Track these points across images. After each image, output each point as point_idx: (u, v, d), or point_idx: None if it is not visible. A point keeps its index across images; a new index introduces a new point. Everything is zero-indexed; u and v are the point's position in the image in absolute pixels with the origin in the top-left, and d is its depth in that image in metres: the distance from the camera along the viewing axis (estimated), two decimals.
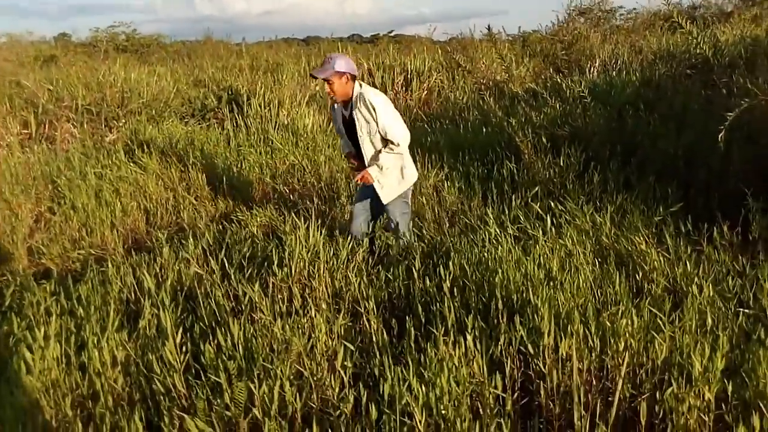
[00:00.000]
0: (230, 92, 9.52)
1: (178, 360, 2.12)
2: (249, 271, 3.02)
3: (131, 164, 5.70)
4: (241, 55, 14.87)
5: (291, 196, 5.13)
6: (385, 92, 11.04)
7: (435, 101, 9.60)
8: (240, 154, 6.13)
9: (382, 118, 3.54)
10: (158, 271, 3.34)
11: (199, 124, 8.50)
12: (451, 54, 10.02)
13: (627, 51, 8.75)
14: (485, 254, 2.99)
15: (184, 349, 2.24)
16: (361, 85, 3.62)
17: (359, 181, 3.66)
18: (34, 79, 9.11)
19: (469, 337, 2.19)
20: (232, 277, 3.02)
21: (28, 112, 8.36)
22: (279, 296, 2.86)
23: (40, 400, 2.18)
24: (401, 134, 3.54)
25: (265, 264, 3.29)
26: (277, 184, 5.41)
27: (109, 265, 3.24)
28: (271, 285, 2.90)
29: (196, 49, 17.42)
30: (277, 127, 7.18)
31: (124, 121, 8.07)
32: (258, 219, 4.30)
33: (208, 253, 3.38)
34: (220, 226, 4.34)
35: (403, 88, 10.52)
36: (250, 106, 8.55)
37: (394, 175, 3.60)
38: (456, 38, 11.75)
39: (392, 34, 29.72)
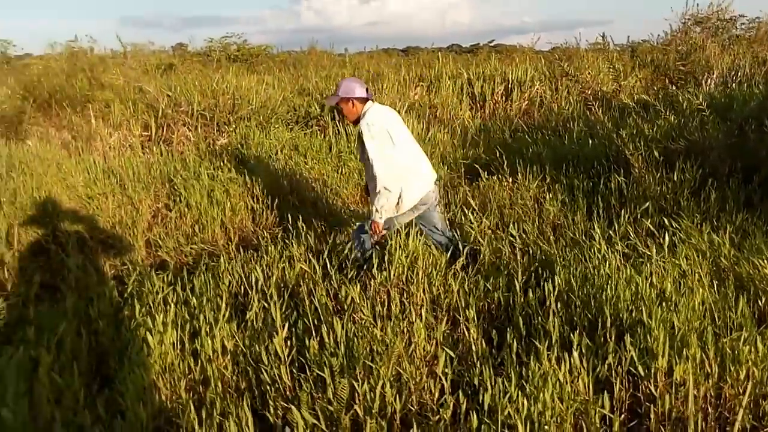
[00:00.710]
0: None
1: (284, 353, 2.20)
2: (351, 273, 3.08)
3: (241, 166, 5.99)
4: (343, 65, 15.28)
5: None
6: (484, 102, 10.95)
7: (536, 111, 9.39)
8: (341, 160, 6.29)
9: (369, 148, 3.46)
10: (264, 267, 3.50)
11: (303, 130, 8.81)
12: (557, 63, 9.78)
13: (749, 62, 8.15)
14: (591, 270, 2.88)
15: (288, 343, 2.33)
16: (369, 107, 3.62)
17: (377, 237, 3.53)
18: (155, 85, 9.83)
19: (575, 354, 2.11)
20: (333, 277, 3.11)
21: (149, 116, 9.03)
22: (378, 299, 2.90)
23: (157, 381, 2.34)
24: (379, 173, 3.39)
25: (365, 267, 3.35)
26: None
27: (221, 260, 3.42)
28: (370, 287, 2.95)
29: (301, 59, 18.10)
30: None
31: (234, 126, 8.52)
32: (357, 223, 4.38)
33: (311, 253, 3.49)
34: (321, 229, 4.48)
35: (503, 98, 10.39)
36: None
37: (392, 208, 3.49)
38: (560, 48, 11.47)
39: (493, 44, 29.40)
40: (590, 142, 5.67)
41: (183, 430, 1.98)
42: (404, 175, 3.51)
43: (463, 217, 4.16)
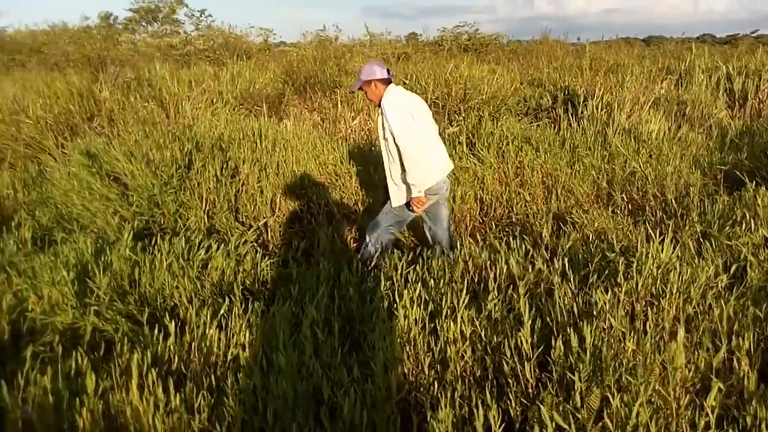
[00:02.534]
0: (566, 92, 9.43)
1: (530, 348, 2.18)
2: (593, 277, 2.94)
3: (471, 156, 6.08)
4: (577, 55, 14.58)
5: (629, 206, 4.85)
6: (744, 100, 9.57)
7: None
8: (575, 155, 6.02)
9: (392, 125, 3.61)
10: (494, 259, 3.51)
11: (532, 123, 8.63)
12: None
13: None
14: None
15: (530, 340, 2.30)
16: (392, 88, 3.80)
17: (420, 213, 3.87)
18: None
19: None
20: (571, 278, 2.99)
21: None
22: (623, 309, 2.72)
23: (401, 354, 2.49)
24: (406, 141, 3.56)
25: (606, 272, 3.17)
26: (614, 190, 5.16)
27: (458, 246, 3.51)
28: (614, 296, 2.78)
29: (532, 49, 17.69)
30: (616, 130, 6.83)
31: (464, 115, 8.67)
32: (595, 224, 4.16)
33: (547, 251, 3.41)
34: (552, 225, 4.35)
35: None
36: (587, 108, 8.33)
37: (425, 178, 3.69)
38: None
39: (755, 34, 25.66)
40: None
41: (426, 405, 2.08)
42: (425, 153, 3.69)
43: (718, 230, 3.70)
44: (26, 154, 8.37)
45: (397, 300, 2.72)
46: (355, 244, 4.74)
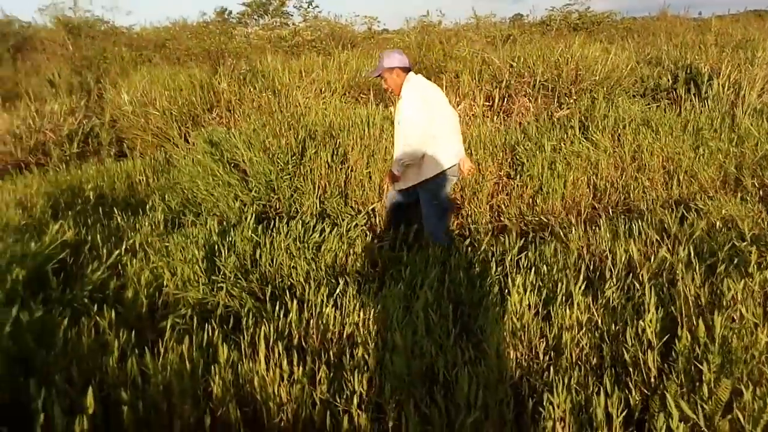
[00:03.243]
0: (688, 71, 8.79)
1: (654, 336, 2.10)
2: (721, 267, 2.75)
3: (584, 140, 5.85)
4: (700, 31, 13.52)
5: (761, 192, 4.47)
6: None
7: None
8: (698, 139, 5.62)
9: (404, 109, 3.84)
10: (609, 244, 3.38)
11: (650, 104, 8.13)
12: None
13: None
14: None
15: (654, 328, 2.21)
16: (412, 77, 3.97)
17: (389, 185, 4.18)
18: (500, 56, 10.19)
19: None
20: (696, 267, 2.83)
21: (493, 87, 9.45)
22: (755, 300, 2.53)
23: (513, 338, 2.48)
24: (412, 131, 3.77)
25: (735, 262, 2.96)
26: (743, 176, 4.78)
27: (573, 231, 3.42)
28: (746, 286, 2.59)
29: (649, 26, 16.65)
30: (746, 111, 6.29)
31: (575, 97, 8.34)
32: (722, 211, 3.88)
33: (668, 238, 3.24)
34: (674, 213, 4.10)
35: None
36: (711, 87, 7.74)
37: (412, 169, 3.92)
38: None
39: None
40: None
41: (539, 389, 2.06)
42: (434, 141, 3.87)
43: None
44: (154, 143, 9.11)
45: (510, 285, 2.71)
46: (459, 230, 4.74)
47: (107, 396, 2.37)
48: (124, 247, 3.88)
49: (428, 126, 3.84)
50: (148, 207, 5.05)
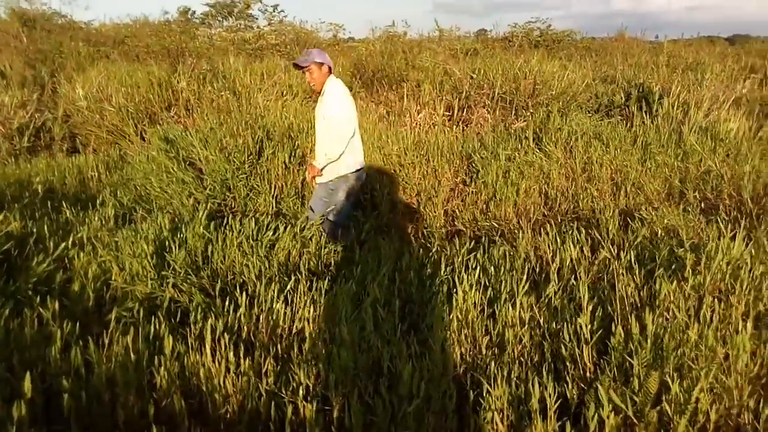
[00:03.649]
0: (640, 90, 9.14)
1: (588, 332, 2.18)
2: (659, 270, 2.88)
3: (537, 151, 6.01)
4: (655, 53, 14.06)
5: (702, 205, 4.69)
6: None
7: None
8: (647, 153, 5.85)
9: (332, 105, 4.07)
10: (557, 248, 3.48)
11: (603, 119, 8.41)
12: None
13: None
14: None
15: (590, 326, 2.30)
16: (332, 77, 4.17)
17: (309, 180, 4.42)
18: (461, 68, 10.39)
19: None
20: (636, 271, 2.95)
21: (453, 97, 9.61)
22: (689, 303, 2.66)
23: (458, 335, 2.54)
24: (341, 127, 4.01)
25: (673, 267, 3.10)
26: (687, 189, 4.99)
27: (520, 235, 3.51)
28: (680, 289, 2.72)
29: (607, 46, 17.20)
30: (693, 129, 6.57)
31: (532, 110, 8.56)
32: (665, 220, 4.05)
33: (612, 245, 3.36)
34: (620, 221, 4.26)
35: None
36: (662, 105, 8.06)
37: (332, 164, 4.14)
38: None
39: None
40: None
41: (484, 382, 2.12)
42: (352, 139, 4.13)
43: None
44: (108, 140, 8.91)
45: (457, 284, 2.77)
46: (413, 232, 4.81)
47: (49, 387, 2.32)
48: (71, 240, 3.79)
49: (353, 123, 4.12)
50: (98, 202, 4.94)
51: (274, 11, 19.29)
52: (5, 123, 8.86)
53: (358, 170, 4.30)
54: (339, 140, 4.07)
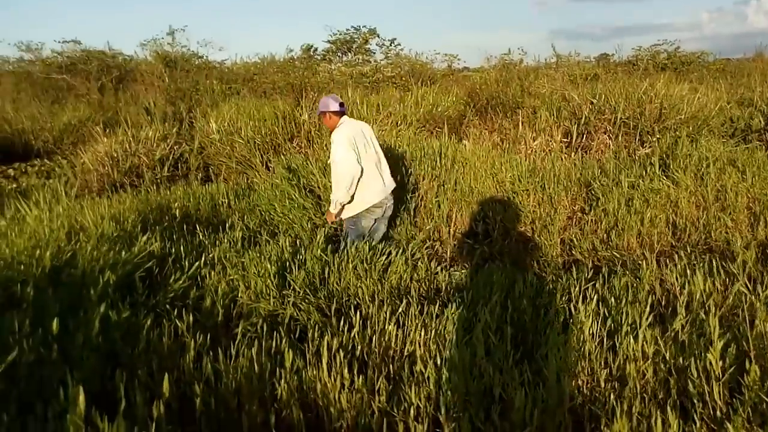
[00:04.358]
0: None
1: (719, 369, 2.02)
2: None
3: (664, 178, 5.68)
4: None
5: None
6: None
7: None
8: None
9: (333, 152, 4.24)
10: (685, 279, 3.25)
11: (739, 144, 7.78)
12: None
13: None
14: None
15: (722, 362, 2.13)
16: (344, 120, 4.37)
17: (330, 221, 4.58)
18: (580, 93, 10.09)
19: None
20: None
21: (571, 123, 9.34)
22: None
23: (575, 366, 2.44)
24: (342, 173, 4.17)
25: None
26: None
27: (643, 265, 3.33)
28: None
29: (743, 67, 15.95)
30: None
31: (658, 136, 8.11)
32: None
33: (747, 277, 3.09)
34: (758, 253, 3.90)
35: None
36: None
37: (349, 204, 4.32)
38: None
39: None
40: None
41: (602, 417, 2.02)
42: (363, 179, 4.24)
43: None
44: (237, 170, 9.60)
45: (574, 314, 2.68)
46: (530, 261, 4.70)
47: (183, 392, 2.54)
48: (204, 260, 4.12)
49: (356, 167, 4.18)
50: (228, 226, 5.33)
51: (390, 45, 19.96)
52: (149, 154, 9.85)
53: (379, 201, 4.39)
54: (343, 185, 4.21)
